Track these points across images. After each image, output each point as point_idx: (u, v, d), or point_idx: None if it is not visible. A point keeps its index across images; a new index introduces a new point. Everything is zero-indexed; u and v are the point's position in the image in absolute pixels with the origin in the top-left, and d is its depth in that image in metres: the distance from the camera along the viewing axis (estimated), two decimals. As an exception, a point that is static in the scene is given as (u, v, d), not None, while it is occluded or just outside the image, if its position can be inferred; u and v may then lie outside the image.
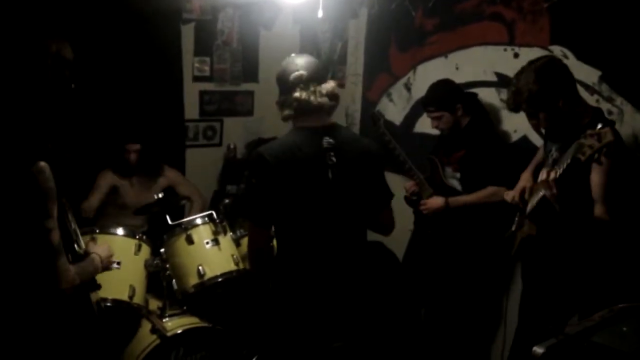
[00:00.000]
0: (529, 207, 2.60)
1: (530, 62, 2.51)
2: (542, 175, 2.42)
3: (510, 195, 2.76)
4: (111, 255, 2.29)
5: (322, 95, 2.20)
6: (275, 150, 2.12)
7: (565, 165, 2.24)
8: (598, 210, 2.37)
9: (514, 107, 2.54)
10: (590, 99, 2.85)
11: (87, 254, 2.15)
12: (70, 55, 1.99)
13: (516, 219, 2.80)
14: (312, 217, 2.16)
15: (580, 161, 2.12)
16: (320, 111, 2.22)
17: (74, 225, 2.10)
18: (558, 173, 2.28)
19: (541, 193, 2.44)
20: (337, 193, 2.17)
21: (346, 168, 2.18)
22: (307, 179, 2.14)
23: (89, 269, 2.07)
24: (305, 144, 2.16)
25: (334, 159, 2.17)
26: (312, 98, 2.17)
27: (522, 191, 2.69)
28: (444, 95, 3.26)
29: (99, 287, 2.22)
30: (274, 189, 2.10)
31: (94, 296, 2.18)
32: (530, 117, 2.54)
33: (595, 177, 2.36)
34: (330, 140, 2.18)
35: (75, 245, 2.07)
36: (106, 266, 2.22)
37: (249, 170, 2.12)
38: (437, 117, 3.28)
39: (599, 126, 2.13)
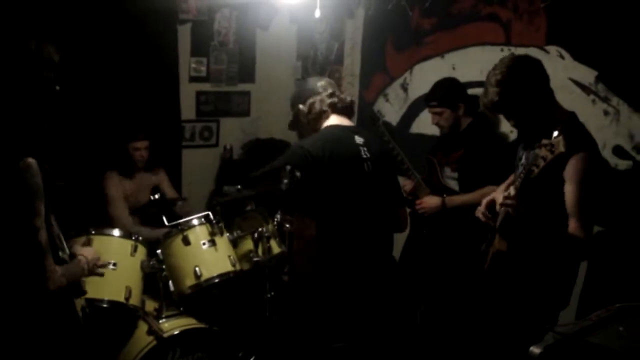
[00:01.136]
0: (499, 220, 2.41)
1: (502, 59, 2.33)
2: (501, 188, 2.24)
3: (479, 211, 2.54)
4: (98, 259, 2.25)
5: (346, 97, 2.51)
6: (317, 145, 2.30)
7: (522, 178, 2.09)
8: (572, 225, 2.15)
9: (483, 107, 2.37)
10: (587, 99, 2.85)
11: (73, 256, 2.11)
12: (54, 56, 1.93)
13: (489, 234, 2.61)
14: (353, 207, 2.34)
15: (534, 174, 1.98)
16: (348, 111, 2.50)
17: (57, 230, 2.04)
18: (516, 186, 2.13)
19: (503, 214, 2.30)
20: (373, 185, 2.38)
21: (376, 163, 2.40)
22: (349, 171, 2.33)
23: (74, 271, 2.04)
24: (342, 139, 2.36)
25: (367, 154, 2.38)
26: (342, 96, 2.49)
27: (490, 205, 2.49)
28: (448, 92, 3.29)
29: (84, 292, 2.17)
30: (320, 180, 2.26)
31: (79, 302, 2.13)
32: (506, 117, 2.38)
33: (569, 189, 2.15)
34: (360, 137, 2.40)
35: (60, 252, 2.02)
36: (92, 269, 2.18)
37: (292, 165, 2.23)
38: (438, 113, 3.29)
39: (555, 134, 1.92)
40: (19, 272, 1.84)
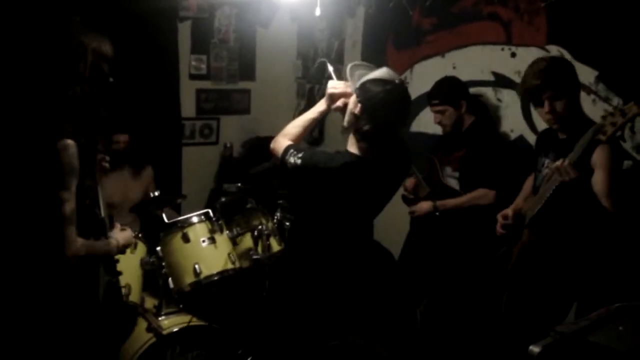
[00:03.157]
0: (529, 217, 2.53)
1: (542, 58, 2.47)
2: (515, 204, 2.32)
3: (499, 225, 2.68)
4: (130, 244, 2.36)
5: None
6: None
7: (581, 151, 2.15)
8: (605, 203, 2.29)
9: (539, 83, 2.35)
10: (587, 99, 2.85)
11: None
12: (109, 52, 2.13)
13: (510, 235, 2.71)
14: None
15: (601, 142, 2.07)
16: None
17: (103, 214, 2.18)
18: (573, 158, 2.17)
19: (549, 192, 2.34)
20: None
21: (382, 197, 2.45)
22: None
23: (99, 247, 2.13)
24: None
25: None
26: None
27: (505, 216, 2.66)
28: (450, 90, 3.27)
29: (119, 273, 2.30)
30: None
31: (104, 279, 2.25)
32: (548, 104, 2.39)
33: (599, 174, 2.29)
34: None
35: (108, 233, 2.18)
36: (121, 251, 2.30)
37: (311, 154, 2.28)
38: (440, 111, 3.27)
39: (620, 104, 2.05)
40: (40, 236, 2.01)
